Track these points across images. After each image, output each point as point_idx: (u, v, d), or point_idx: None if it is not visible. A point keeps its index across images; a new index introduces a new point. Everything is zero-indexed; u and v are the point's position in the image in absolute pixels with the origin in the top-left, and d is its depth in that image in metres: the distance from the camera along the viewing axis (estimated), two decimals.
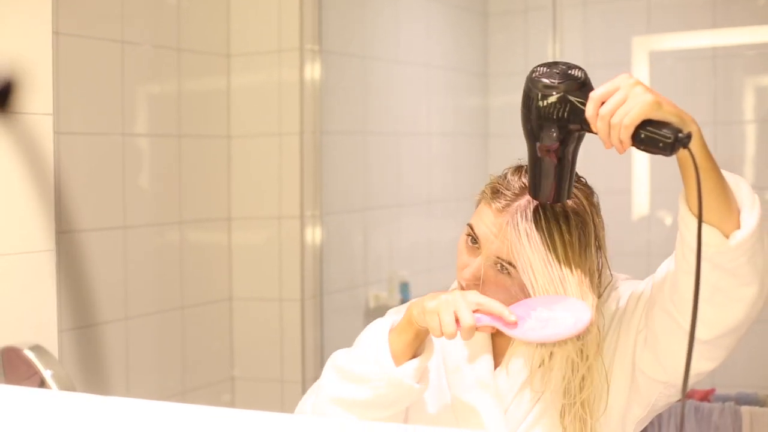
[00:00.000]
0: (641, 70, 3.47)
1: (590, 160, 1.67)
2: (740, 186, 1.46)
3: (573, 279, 1.55)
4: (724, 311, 1.46)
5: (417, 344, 1.59)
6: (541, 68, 1.47)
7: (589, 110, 1.41)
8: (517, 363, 1.65)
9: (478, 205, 1.65)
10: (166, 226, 2.90)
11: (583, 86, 1.45)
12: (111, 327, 2.68)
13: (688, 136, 1.35)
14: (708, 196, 1.38)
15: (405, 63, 3.67)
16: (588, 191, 1.63)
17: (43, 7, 1.73)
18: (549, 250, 1.55)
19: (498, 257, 1.58)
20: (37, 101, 1.67)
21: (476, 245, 1.62)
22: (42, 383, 1.30)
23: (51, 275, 1.68)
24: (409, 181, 3.66)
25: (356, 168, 3.39)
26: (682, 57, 3.53)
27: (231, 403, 3.16)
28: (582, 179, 1.65)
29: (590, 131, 1.45)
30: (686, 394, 1.59)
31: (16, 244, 1.63)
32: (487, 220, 1.60)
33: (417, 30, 3.77)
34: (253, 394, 3.15)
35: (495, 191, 1.62)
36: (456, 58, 3.97)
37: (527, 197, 1.58)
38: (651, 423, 2.20)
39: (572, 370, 1.59)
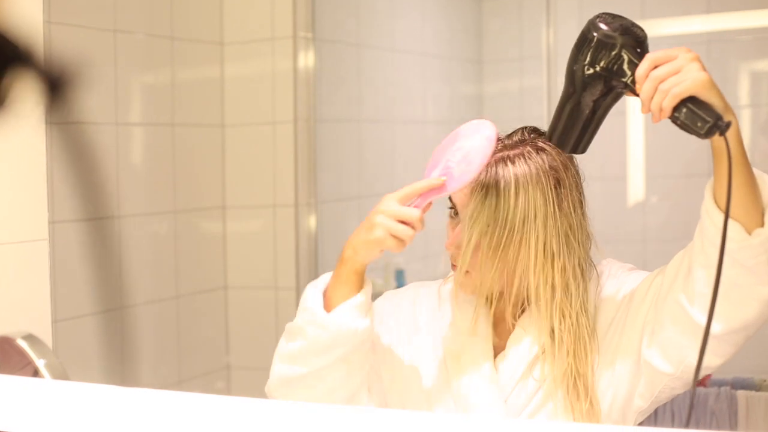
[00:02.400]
0: None
1: None
2: (767, 183, 1.45)
3: (536, 240, 1.55)
4: (739, 308, 1.46)
5: (354, 285, 1.58)
6: (606, 15, 1.46)
7: (642, 69, 1.40)
8: (517, 351, 1.64)
9: None
10: (161, 216, 2.89)
11: (641, 46, 1.44)
12: (106, 316, 2.68)
13: (728, 125, 1.35)
14: (736, 190, 1.38)
15: (399, 50, 3.66)
16: (565, 154, 1.61)
17: None
18: (513, 204, 1.55)
19: (470, 217, 1.59)
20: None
21: (457, 216, 1.63)
22: (35, 373, 1.30)
23: (44, 265, 1.68)
24: (404, 168, 3.65)
25: (351, 156, 3.38)
26: (676, 42, 3.50)
27: (226, 392, 3.16)
28: None
29: (632, 92, 1.43)
30: (684, 384, 1.59)
31: (9, 233, 1.63)
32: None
33: (411, 17, 3.76)
34: (248, 383, 3.15)
35: None
36: (450, 45, 3.97)
37: (497, 156, 1.57)
38: None
39: (573, 357, 1.58)
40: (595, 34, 1.43)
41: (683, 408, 2.42)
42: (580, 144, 1.50)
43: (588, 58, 1.44)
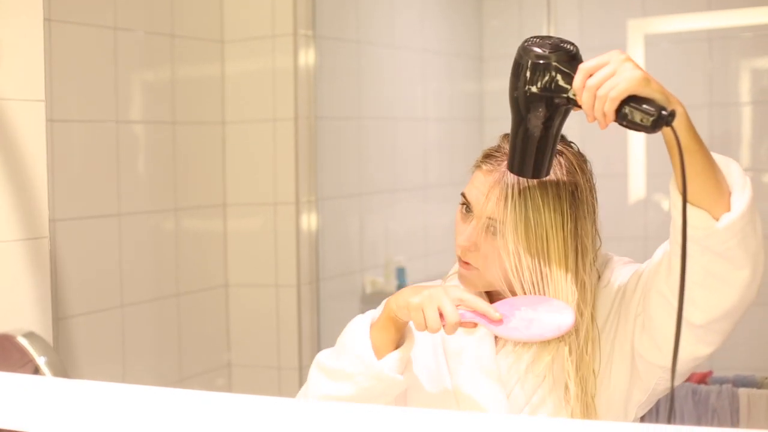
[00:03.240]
0: (637, 53, 3.46)
1: (586, 143, 1.66)
2: (731, 168, 1.45)
3: (555, 245, 1.56)
4: (717, 295, 1.46)
5: (398, 337, 1.61)
6: (534, 39, 1.48)
7: (577, 81, 1.41)
8: (519, 347, 1.64)
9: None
10: (161, 213, 2.89)
11: (574, 59, 1.45)
12: (107, 315, 2.68)
13: (672, 114, 1.35)
14: (696, 177, 1.38)
15: (400, 47, 3.66)
16: (581, 158, 1.63)
17: None
18: (536, 209, 1.56)
19: (489, 218, 1.59)
20: (29, 88, 1.66)
21: (470, 213, 1.63)
22: (36, 371, 1.29)
23: (45, 263, 1.68)
24: (405, 166, 3.65)
25: (351, 153, 3.38)
26: (677, 40, 3.53)
27: (227, 390, 3.16)
28: (573, 145, 1.64)
29: (577, 106, 1.44)
30: (684, 378, 1.59)
31: (9, 231, 1.62)
32: (477, 182, 1.62)
33: (411, 14, 3.75)
34: (249, 381, 3.15)
35: (486, 156, 1.64)
36: (451, 42, 3.96)
37: None
38: None
39: (571, 353, 1.59)
40: (527, 58, 1.46)
41: (684, 404, 2.42)
42: (541, 167, 1.52)
43: (526, 83, 1.46)
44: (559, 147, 1.59)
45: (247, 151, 3.13)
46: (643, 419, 1.73)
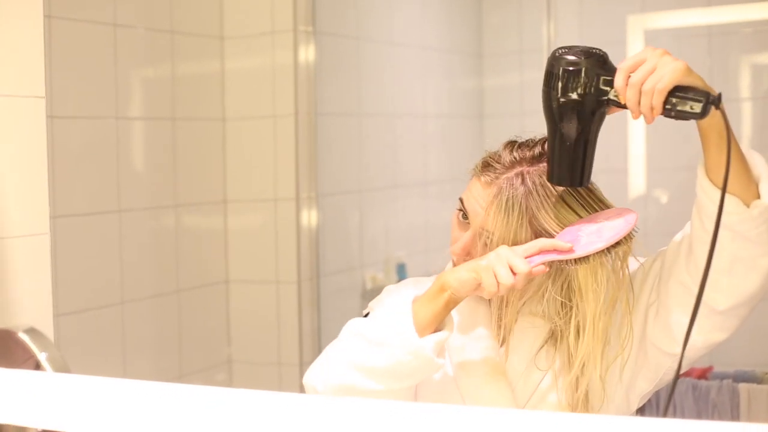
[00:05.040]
0: (636, 49, 3.43)
1: None
2: (755, 158, 1.48)
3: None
4: (742, 281, 1.48)
5: (442, 317, 1.56)
6: (562, 49, 1.48)
7: (619, 80, 1.42)
8: (523, 339, 1.64)
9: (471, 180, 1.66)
10: (162, 210, 2.89)
11: (605, 63, 1.47)
12: (107, 311, 2.68)
13: (719, 97, 1.38)
14: (731, 164, 1.40)
15: (399, 44, 3.66)
16: None
17: None
18: (532, 227, 1.56)
19: (483, 229, 1.59)
20: (29, 84, 1.66)
21: (467, 220, 1.62)
22: (37, 366, 1.30)
23: (46, 259, 1.68)
24: (405, 162, 3.65)
25: (352, 150, 3.38)
26: (677, 35, 3.53)
27: (228, 386, 3.16)
28: None
29: (617, 106, 1.46)
30: (685, 371, 1.59)
31: (10, 228, 1.62)
32: (475, 192, 1.61)
33: (411, 11, 3.75)
34: (250, 377, 3.16)
35: (485, 164, 1.62)
36: (450, 38, 3.96)
37: (516, 170, 1.58)
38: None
39: (573, 345, 1.59)
40: (560, 66, 1.46)
41: (685, 399, 2.42)
42: (583, 175, 1.52)
43: (562, 90, 1.46)
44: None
45: (247, 147, 3.14)
46: (643, 412, 1.73)
